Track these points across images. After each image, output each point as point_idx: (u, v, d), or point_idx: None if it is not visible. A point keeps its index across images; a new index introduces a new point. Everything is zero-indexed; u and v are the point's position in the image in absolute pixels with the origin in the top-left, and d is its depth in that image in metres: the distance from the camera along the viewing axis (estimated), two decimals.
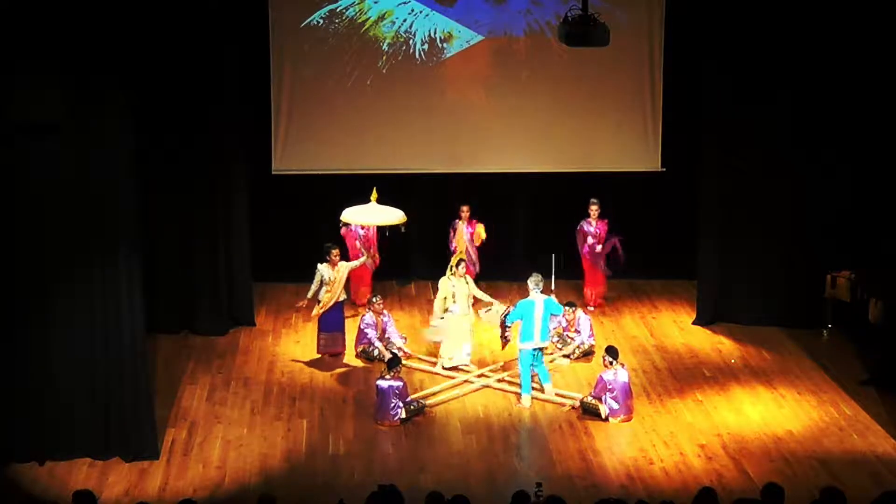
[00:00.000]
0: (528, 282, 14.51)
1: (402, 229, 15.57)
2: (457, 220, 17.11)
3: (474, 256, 17.01)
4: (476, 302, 15.56)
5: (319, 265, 15.47)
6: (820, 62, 15.83)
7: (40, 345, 12.56)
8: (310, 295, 15.50)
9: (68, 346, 12.62)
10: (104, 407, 12.81)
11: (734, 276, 16.75)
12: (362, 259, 15.99)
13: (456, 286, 15.25)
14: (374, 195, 15.64)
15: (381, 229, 16.15)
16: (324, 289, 15.38)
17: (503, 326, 14.67)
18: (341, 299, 15.56)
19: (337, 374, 15.22)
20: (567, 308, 15.66)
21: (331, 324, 15.55)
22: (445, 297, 15.27)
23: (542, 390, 14.50)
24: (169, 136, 15.62)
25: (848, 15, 15.58)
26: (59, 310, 12.55)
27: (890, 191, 15.84)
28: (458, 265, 15.37)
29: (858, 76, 15.81)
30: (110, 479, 12.55)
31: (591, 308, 17.10)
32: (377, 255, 16.66)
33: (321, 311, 15.42)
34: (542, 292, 14.51)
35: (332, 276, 15.38)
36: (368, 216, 15.59)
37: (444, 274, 15.50)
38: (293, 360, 15.59)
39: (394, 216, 15.52)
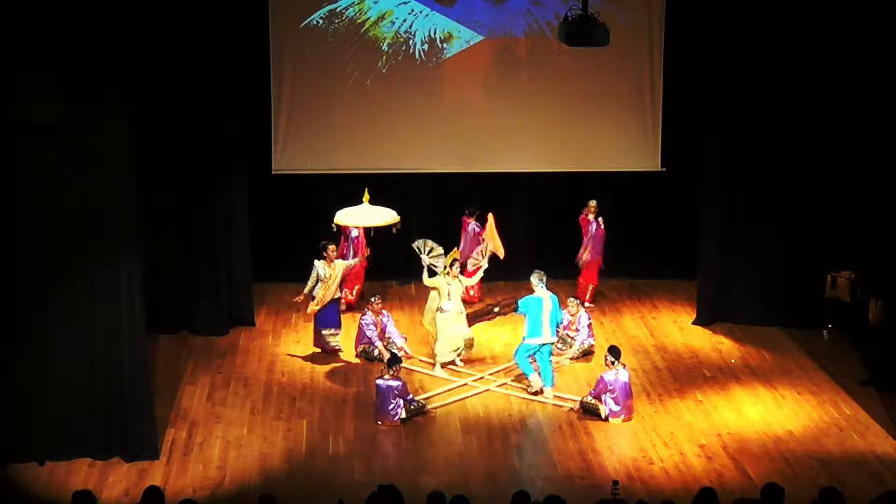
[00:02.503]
0: (532, 278, 14.56)
1: (394, 230, 15.55)
2: (465, 219, 17.05)
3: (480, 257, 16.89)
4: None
5: (316, 262, 15.54)
6: (820, 62, 15.84)
7: (40, 345, 12.56)
8: (306, 291, 15.59)
9: (68, 346, 12.62)
10: (104, 407, 12.81)
11: (734, 276, 16.75)
12: (357, 259, 15.99)
13: (451, 285, 15.24)
14: (366, 196, 15.64)
15: (367, 230, 16.11)
16: (319, 285, 15.44)
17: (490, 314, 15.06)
18: (336, 296, 15.62)
19: (337, 374, 15.23)
20: (571, 301, 15.71)
21: (327, 321, 15.60)
22: (439, 295, 15.27)
23: (541, 392, 14.50)
24: (169, 136, 15.62)
25: (848, 15, 15.58)
26: (59, 310, 12.55)
27: (890, 191, 15.83)
28: (451, 265, 15.35)
29: (858, 76, 15.81)
30: (110, 479, 12.55)
31: (589, 304, 17.00)
32: (364, 256, 16.55)
33: (317, 307, 15.45)
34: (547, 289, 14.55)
35: (328, 273, 15.43)
36: (361, 217, 15.57)
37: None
38: (292, 356, 15.59)
39: (386, 217, 15.51)
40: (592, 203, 17.07)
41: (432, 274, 15.34)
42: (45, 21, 11.95)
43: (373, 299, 15.62)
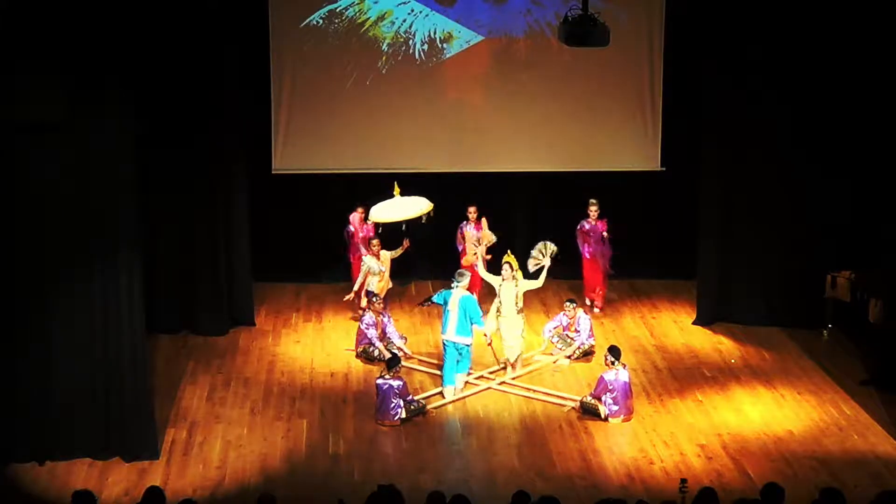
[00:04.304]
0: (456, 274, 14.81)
1: (423, 220, 15.56)
2: (464, 223, 16.97)
3: (482, 259, 16.81)
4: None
5: (365, 257, 15.92)
6: (820, 62, 15.83)
7: (40, 345, 12.56)
8: (356, 288, 15.96)
9: (68, 347, 12.62)
10: (104, 407, 12.82)
11: (734, 276, 16.74)
12: (398, 249, 16.16)
13: (503, 287, 15.13)
14: (396, 190, 15.67)
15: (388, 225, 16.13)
16: (374, 279, 15.80)
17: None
18: (389, 287, 16.03)
19: (337, 374, 15.22)
20: (568, 304, 15.69)
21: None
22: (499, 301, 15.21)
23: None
24: (169, 136, 15.62)
25: (848, 15, 15.58)
26: (59, 310, 12.56)
27: (890, 191, 15.83)
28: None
29: (858, 76, 15.81)
30: (110, 479, 12.56)
31: (598, 310, 16.95)
32: (405, 248, 16.55)
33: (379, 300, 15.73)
34: (467, 289, 14.71)
35: (378, 266, 15.80)
36: (396, 211, 15.58)
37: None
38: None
39: (419, 207, 15.56)
40: (592, 208, 16.95)
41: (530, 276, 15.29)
42: (45, 21, 11.95)
43: (374, 299, 15.64)
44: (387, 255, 15.95)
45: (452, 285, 14.65)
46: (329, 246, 17.44)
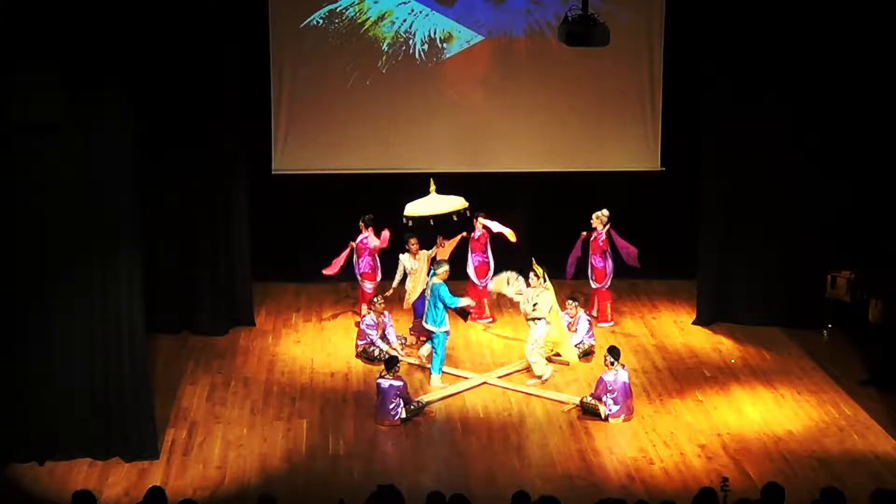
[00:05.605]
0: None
1: (454, 218, 15.55)
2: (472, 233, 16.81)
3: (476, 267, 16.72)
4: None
5: (401, 256, 15.92)
6: (820, 62, 15.84)
7: (40, 345, 12.56)
8: (395, 285, 16.08)
9: (68, 347, 12.62)
10: (104, 407, 12.82)
11: (734, 276, 16.75)
12: (434, 248, 16.08)
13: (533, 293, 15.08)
14: (432, 186, 15.66)
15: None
16: (409, 278, 15.79)
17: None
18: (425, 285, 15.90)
19: (337, 374, 15.23)
20: (570, 302, 15.69)
21: (420, 309, 15.78)
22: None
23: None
24: (169, 135, 15.62)
25: (848, 15, 15.59)
26: (59, 310, 12.55)
27: (890, 191, 15.84)
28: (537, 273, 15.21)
29: (858, 76, 15.81)
30: (110, 479, 12.56)
31: (608, 325, 16.65)
32: (440, 246, 16.45)
33: (410, 299, 15.72)
34: (437, 277, 14.79)
35: (413, 265, 15.78)
36: (428, 207, 15.56)
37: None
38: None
39: (454, 203, 15.59)
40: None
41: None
42: (45, 21, 11.95)
43: (375, 300, 15.66)
44: (424, 254, 15.87)
45: (429, 274, 14.71)
46: (329, 246, 17.42)
